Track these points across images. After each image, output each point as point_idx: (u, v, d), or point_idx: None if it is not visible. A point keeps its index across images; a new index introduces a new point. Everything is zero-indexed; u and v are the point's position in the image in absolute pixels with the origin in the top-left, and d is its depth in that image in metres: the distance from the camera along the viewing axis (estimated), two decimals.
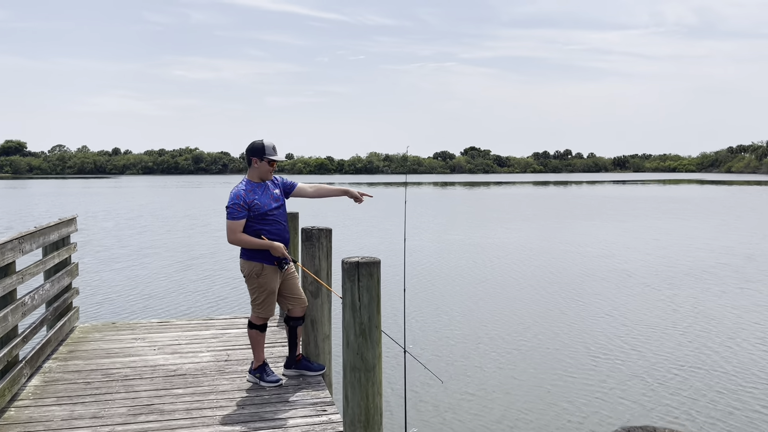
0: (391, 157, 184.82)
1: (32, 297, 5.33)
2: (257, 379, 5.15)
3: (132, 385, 5.12)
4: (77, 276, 7.09)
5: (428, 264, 16.71)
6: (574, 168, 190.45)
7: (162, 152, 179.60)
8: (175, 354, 5.96)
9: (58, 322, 6.34)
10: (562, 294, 12.88)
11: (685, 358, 8.74)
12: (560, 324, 10.47)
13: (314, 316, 5.44)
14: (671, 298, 12.41)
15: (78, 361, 5.76)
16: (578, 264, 16.55)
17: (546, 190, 66.73)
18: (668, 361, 8.63)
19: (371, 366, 3.52)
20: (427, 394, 7.51)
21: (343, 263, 3.64)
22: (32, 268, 5.42)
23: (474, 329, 10.28)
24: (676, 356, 8.85)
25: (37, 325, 5.61)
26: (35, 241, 5.51)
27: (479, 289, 13.34)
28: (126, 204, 44.10)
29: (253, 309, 5.18)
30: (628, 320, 10.76)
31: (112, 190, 70.99)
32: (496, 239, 21.95)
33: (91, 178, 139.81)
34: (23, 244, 5.15)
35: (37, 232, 5.56)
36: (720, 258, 17.37)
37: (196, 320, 7.28)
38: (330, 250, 5.49)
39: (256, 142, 5.13)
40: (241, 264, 5.15)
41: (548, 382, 7.89)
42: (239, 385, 5.12)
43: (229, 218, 4.96)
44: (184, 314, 11.01)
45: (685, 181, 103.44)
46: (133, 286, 13.57)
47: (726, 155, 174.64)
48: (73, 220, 6.89)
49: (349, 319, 3.56)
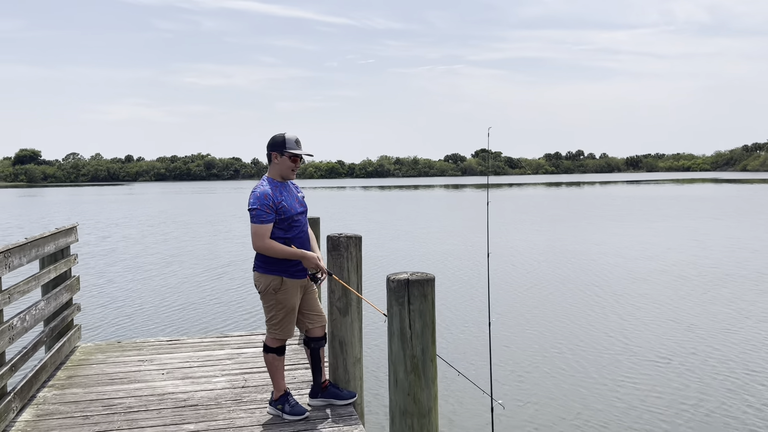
0: (401, 160, 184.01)
1: (22, 318, 4.68)
2: (279, 411, 4.47)
3: (136, 419, 4.45)
4: (78, 291, 6.44)
5: (469, 274, 15.88)
6: (587, 169, 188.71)
7: (174, 159, 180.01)
8: (186, 379, 5.28)
9: (56, 344, 5.69)
10: (640, 306, 12.06)
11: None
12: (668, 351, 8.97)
13: (343, 337, 4.75)
14: (734, 302, 11.63)
15: (77, 389, 5.10)
16: (629, 269, 15.74)
17: (563, 191, 65.72)
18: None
19: (426, 410, 2.83)
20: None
21: (389, 281, 2.94)
22: (22, 286, 4.77)
23: (566, 362, 8.40)
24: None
25: (30, 349, 4.95)
26: (26, 254, 4.85)
27: (566, 304, 11.88)
28: (140, 211, 43.72)
29: (269, 330, 4.49)
30: (699, 326, 9.97)
31: (125, 197, 70.80)
32: (538, 243, 21.14)
33: (105, 185, 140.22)
34: (10, 258, 4.50)
35: (27, 244, 4.91)
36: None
37: (209, 338, 6.62)
38: (360, 261, 4.80)
39: (277, 135, 4.45)
40: (256, 278, 4.46)
41: None
42: (258, 419, 4.43)
43: (256, 221, 4.26)
44: (196, 330, 10.31)
45: (700, 180, 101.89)
46: (142, 300, 12.89)
47: (741, 153, 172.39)
48: (72, 229, 6.25)
49: (398, 352, 2.86)
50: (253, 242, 4.30)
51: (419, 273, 2.97)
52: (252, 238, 4.29)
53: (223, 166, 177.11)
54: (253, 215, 4.27)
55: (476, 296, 12.61)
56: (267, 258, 4.36)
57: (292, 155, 4.40)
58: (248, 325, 10.49)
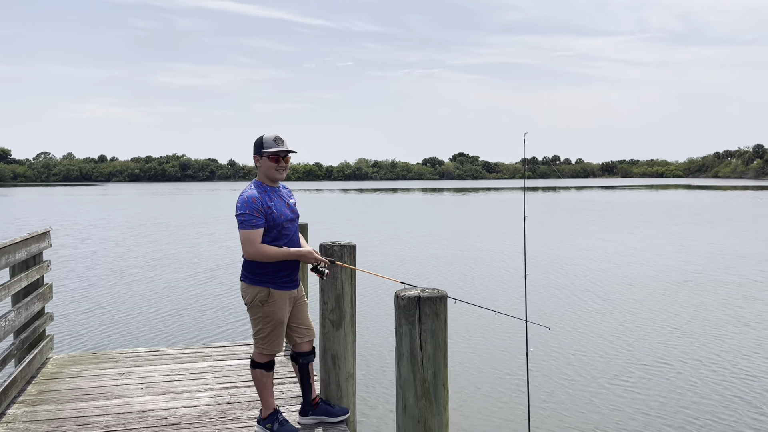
0: (380, 163, 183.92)
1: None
2: (268, 430, 4.21)
3: None
4: (51, 299, 6.09)
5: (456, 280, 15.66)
6: (563, 174, 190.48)
7: (149, 159, 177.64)
8: (166, 395, 4.99)
9: (26, 356, 5.35)
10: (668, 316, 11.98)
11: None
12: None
13: (336, 351, 4.50)
14: (725, 307, 11.60)
15: (49, 405, 4.78)
16: (619, 275, 15.71)
17: (543, 196, 66.09)
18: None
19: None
20: None
21: (398, 298, 2.71)
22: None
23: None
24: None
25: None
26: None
27: (560, 311, 11.54)
28: (114, 213, 42.89)
29: (257, 344, 4.23)
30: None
31: (99, 197, 69.46)
32: (523, 247, 21.05)
33: (77, 185, 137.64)
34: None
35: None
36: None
37: (190, 349, 6.32)
38: (354, 271, 4.56)
39: (257, 138, 4.23)
40: (243, 288, 4.20)
41: None
42: None
43: (246, 227, 3.99)
44: (176, 341, 9.91)
45: (673, 186, 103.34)
46: (119, 308, 12.42)
47: (713, 160, 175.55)
48: (45, 234, 5.90)
49: (407, 375, 2.63)
50: (244, 250, 4.04)
51: (430, 289, 2.75)
52: (242, 245, 4.03)
53: (199, 167, 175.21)
54: (242, 221, 4.01)
55: (493, 313, 11.76)
56: (254, 268, 4.10)
57: (270, 154, 4.16)
58: (232, 335, 10.14)
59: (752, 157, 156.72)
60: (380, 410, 7.02)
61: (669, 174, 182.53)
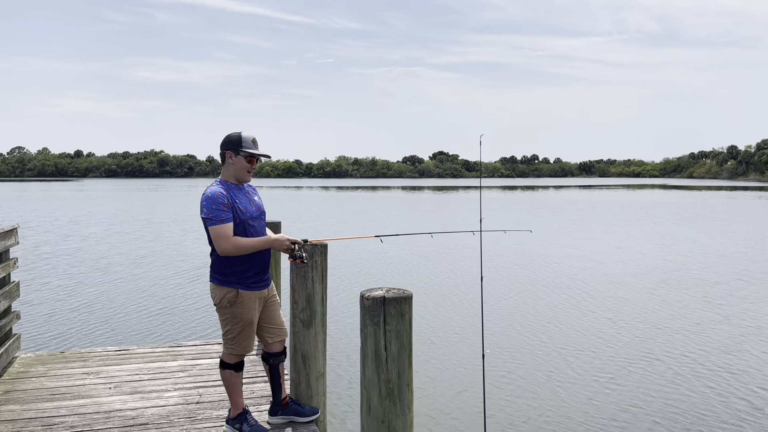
0: (360, 160, 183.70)
1: None
2: (237, 430, 4.18)
3: None
4: (18, 297, 5.99)
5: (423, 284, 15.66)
6: (541, 173, 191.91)
7: (126, 155, 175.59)
8: (135, 394, 4.93)
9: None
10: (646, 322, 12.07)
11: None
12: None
13: (306, 350, 4.49)
14: (712, 304, 11.77)
15: (14, 405, 4.69)
16: (606, 273, 15.84)
17: (524, 195, 66.52)
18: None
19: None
20: None
21: (363, 299, 2.70)
22: None
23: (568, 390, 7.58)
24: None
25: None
26: None
27: (548, 310, 11.52)
28: (87, 210, 42.30)
29: (226, 345, 4.19)
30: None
31: (77, 193, 68.43)
32: (510, 247, 21.15)
33: (53, 180, 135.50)
34: None
35: None
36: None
37: (161, 347, 6.25)
38: (326, 270, 4.54)
39: (232, 133, 4.15)
40: (212, 290, 4.14)
41: None
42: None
43: (215, 223, 3.91)
44: (147, 339, 9.79)
45: (650, 186, 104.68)
46: (88, 306, 12.24)
47: (688, 161, 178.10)
48: (12, 231, 5.80)
49: (372, 376, 2.63)
50: (218, 247, 3.95)
51: (395, 289, 2.75)
52: (215, 242, 3.95)
53: (177, 164, 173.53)
54: (210, 218, 3.94)
55: (457, 314, 11.50)
56: (222, 268, 4.06)
57: (248, 155, 4.11)
58: (203, 334, 10.05)
59: (726, 158, 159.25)
60: (350, 410, 7.02)
61: (645, 174, 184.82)
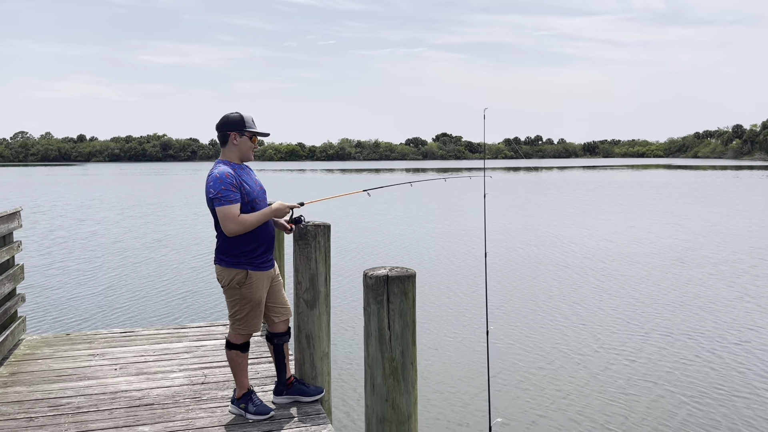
0: (363, 143, 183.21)
1: None
2: (242, 410, 4.20)
3: (85, 420, 4.12)
4: (23, 280, 6.01)
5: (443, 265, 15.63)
6: (545, 154, 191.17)
7: (129, 139, 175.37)
8: (140, 375, 4.95)
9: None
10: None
11: None
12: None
13: (310, 331, 4.49)
14: (735, 284, 11.75)
15: (20, 387, 4.72)
16: (625, 254, 15.82)
17: (531, 176, 66.30)
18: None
19: (405, 416, 2.61)
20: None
21: (366, 278, 2.69)
22: None
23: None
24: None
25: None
26: None
27: (566, 292, 11.39)
28: (90, 194, 42.36)
29: (233, 325, 4.19)
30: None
31: (80, 178, 68.47)
32: (525, 229, 21.13)
33: (56, 165, 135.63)
34: None
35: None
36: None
37: (166, 329, 6.27)
38: (329, 251, 4.53)
39: (231, 114, 4.13)
40: (218, 271, 4.14)
41: None
42: (220, 419, 4.15)
43: (224, 203, 3.89)
44: (152, 321, 9.83)
45: (654, 166, 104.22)
46: (94, 288, 12.29)
47: (693, 141, 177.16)
48: (15, 214, 5.80)
49: (375, 354, 2.62)
50: (225, 228, 3.94)
51: (399, 268, 2.74)
52: (223, 223, 3.94)
53: (180, 147, 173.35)
54: (219, 198, 3.92)
55: (461, 292, 11.65)
56: (230, 250, 4.05)
57: (253, 134, 4.10)
58: (208, 315, 10.09)
59: (731, 137, 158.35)
60: (355, 390, 7.05)
61: (650, 154, 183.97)
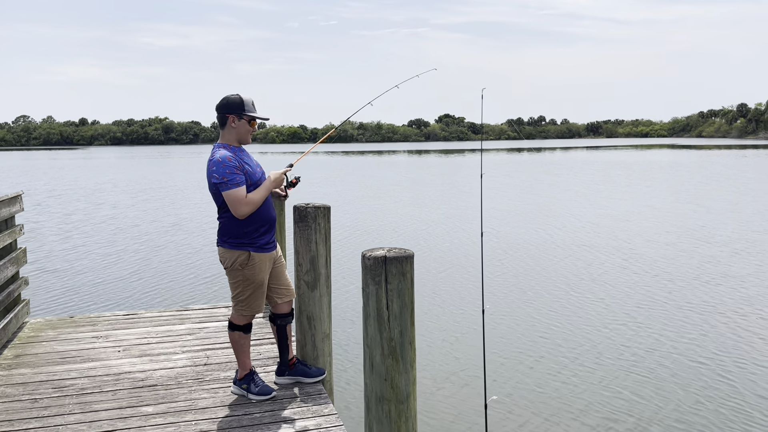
0: (365, 125, 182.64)
1: None
2: (244, 390, 4.23)
3: (89, 402, 4.17)
4: (25, 263, 6.04)
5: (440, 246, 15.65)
6: (548, 134, 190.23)
7: (131, 122, 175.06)
8: (143, 357, 5.00)
9: (1, 320, 5.32)
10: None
11: None
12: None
13: (311, 312, 4.51)
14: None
15: (25, 369, 4.77)
16: (646, 236, 15.82)
17: (539, 157, 66.08)
18: None
19: (404, 396, 2.63)
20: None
21: (364, 258, 2.71)
22: None
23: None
24: None
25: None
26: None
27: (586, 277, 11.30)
28: (92, 179, 42.41)
29: (236, 306, 4.21)
30: None
31: (85, 162, 68.47)
32: (539, 210, 21.09)
33: (58, 149, 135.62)
34: None
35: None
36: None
37: (168, 311, 6.31)
38: (329, 233, 4.54)
39: (231, 96, 4.10)
40: (221, 253, 4.15)
41: None
42: (222, 399, 4.19)
43: (230, 187, 3.90)
44: (155, 303, 9.90)
45: (658, 146, 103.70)
46: (97, 271, 12.35)
47: (697, 120, 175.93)
48: (17, 198, 5.81)
49: (374, 334, 2.64)
50: (237, 210, 3.95)
51: (397, 249, 2.74)
52: (233, 206, 3.94)
53: (182, 130, 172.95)
54: (224, 182, 3.92)
55: (459, 273, 11.72)
56: (233, 231, 4.06)
57: (252, 118, 4.09)
58: (211, 297, 10.15)
59: (736, 116, 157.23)
60: (357, 370, 7.10)
61: (653, 134, 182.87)
